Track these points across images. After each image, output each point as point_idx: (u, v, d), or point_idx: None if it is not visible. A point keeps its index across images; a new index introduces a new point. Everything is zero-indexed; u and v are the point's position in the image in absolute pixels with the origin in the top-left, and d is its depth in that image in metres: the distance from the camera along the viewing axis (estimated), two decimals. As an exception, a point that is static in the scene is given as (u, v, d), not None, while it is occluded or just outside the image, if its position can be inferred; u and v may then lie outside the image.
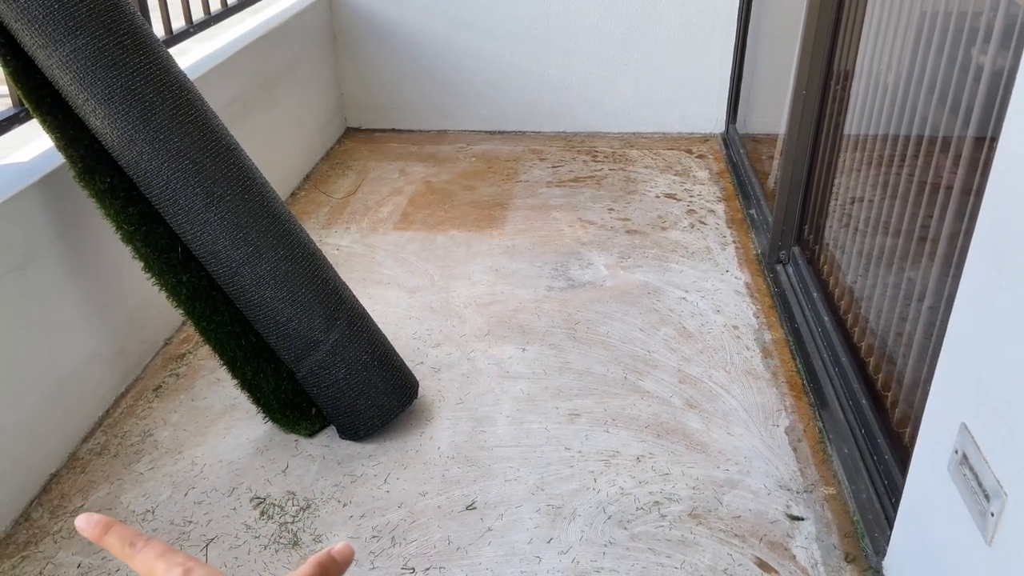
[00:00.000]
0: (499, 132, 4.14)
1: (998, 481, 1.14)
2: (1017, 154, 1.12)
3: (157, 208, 1.83)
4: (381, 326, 2.17)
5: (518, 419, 2.12)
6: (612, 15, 3.85)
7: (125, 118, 1.71)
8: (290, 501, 1.87)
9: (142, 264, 1.86)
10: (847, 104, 2.30)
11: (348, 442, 2.05)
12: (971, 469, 1.22)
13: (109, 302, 2.18)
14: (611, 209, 3.28)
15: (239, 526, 1.81)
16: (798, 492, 1.87)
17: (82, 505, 1.87)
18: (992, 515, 1.15)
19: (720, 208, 3.28)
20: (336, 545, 0.47)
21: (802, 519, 1.79)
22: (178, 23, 2.66)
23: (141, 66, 1.72)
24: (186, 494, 1.90)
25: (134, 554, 0.44)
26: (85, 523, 0.46)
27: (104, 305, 2.16)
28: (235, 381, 1.99)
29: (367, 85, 4.10)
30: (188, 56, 2.83)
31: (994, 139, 1.27)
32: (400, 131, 4.17)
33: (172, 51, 2.53)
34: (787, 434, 2.05)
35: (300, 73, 3.60)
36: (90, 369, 2.11)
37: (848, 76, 2.30)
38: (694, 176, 3.59)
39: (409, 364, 2.25)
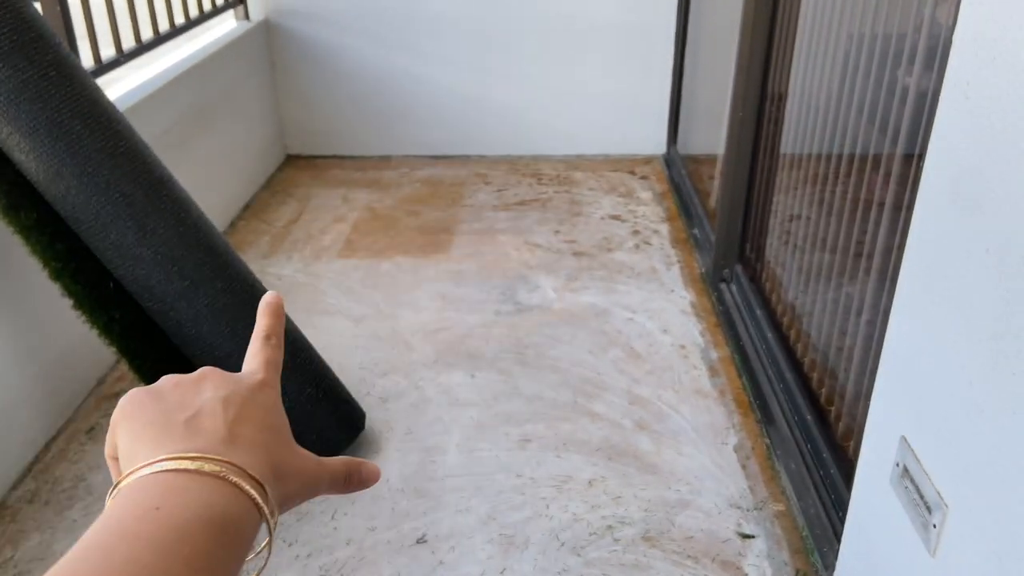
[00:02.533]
0: (443, 157, 4.14)
1: (939, 493, 1.16)
2: (943, 171, 1.16)
3: (87, 243, 1.76)
4: (326, 357, 2.13)
5: (468, 447, 2.09)
6: (552, 40, 3.89)
7: (51, 151, 1.65)
8: (233, 543, 1.81)
9: (72, 301, 1.79)
10: (782, 124, 2.35)
11: (293, 478, 1.99)
12: (912, 482, 1.24)
13: (37, 342, 2.09)
14: (557, 231, 3.29)
15: (179, 571, 1.74)
16: (748, 510, 1.87)
17: (12, 556, 1.78)
18: (934, 527, 1.17)
19: (664, 228, 3.32)
20: (370, 464, 0.51)
21: (753, 537, 1.80)
22: (108, 52, 2.59)
23: (67, 98, 1.67)
24: (123, 540, 1.82)
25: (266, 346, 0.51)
26: (274, 299, 0.53)
27: (32, 345, 2.07)
28: (173, 420, 1.92)
29: (307, 111, 4.05)
30: (121, 84, 2.76)
31: (921, 156, 1.30)
32: (342, 157, 4.13)
33: (104, 80, 2.47)
34: (736, 452, 2.06)
35: (237, 101, 3.54)
36: (18, 412, 2.02)
37: (782, 97, 2.36)
38: (638, 197, 3.63)
39: (356, 395, 2.21)
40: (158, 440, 0.42)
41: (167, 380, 0.47)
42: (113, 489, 0.41)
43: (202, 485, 0.40)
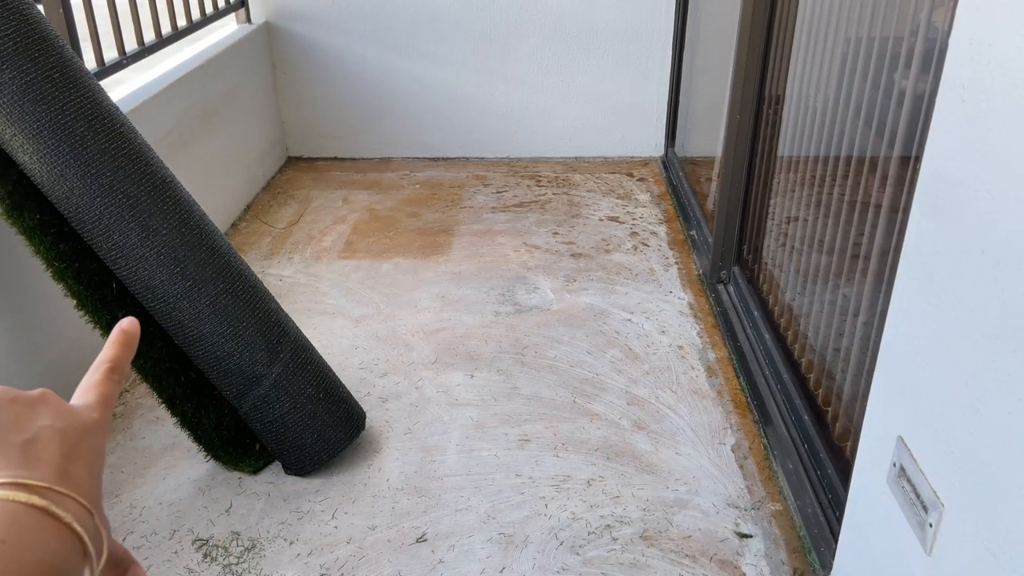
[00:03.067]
0: (443, 158, 4.15)
1: (935, 492, 1.18)
2: (939, 173, 1.17)
3: (90, 244, 1.77)
4: (326, 357, 2.14)
5: (468, 447, 2.10)
6: (552, 43, 3.91)
7: (55, 153, 1.66)
8: (234, 541, 1.82)
9: (75, 302, 1.80)
10: (779, 127, 2.37)
11: (294, 478, 2.00)
12: (909, 481, 1.26)
13: (40, 342, 2.10)
14: (556, 233, 3.31)
15: (181, 570, 1.75)
16: (746, 509, 1.89)
17: (13, 556, 1.79)
18: (931, 526, 1.18)
19: (662, 230, 3.33)
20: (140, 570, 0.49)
21: (751, 536, 1.81)
22: (111, 54, 2.60)
23: (71, 100, 1.68)
24: (125, 539, 1.83)
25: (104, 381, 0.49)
26: (131, 327, 0.51)
27: (35, 345, 2.08)
28: (175, 419, 1.94)
29: (308, 114, 4.07)
30: (124, 87, 2.78)
31: (918, 158, 1.32)
32: (342, 159, 4.15)
33: (107, 82, 2.48)
34: (733, 452, 2.07)
35: (239, 103, 3.55)
36: (20, 412, 2.03)
37: (779, 100, 2.37)
38: (636, 199, 3.64)
39: (356, 395, 2.22)
40: None
41: (4, 392, 0.45)
42: None
43: (44, 526, 0.38)
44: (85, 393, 0.48)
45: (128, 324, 0.51)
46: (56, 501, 0.39)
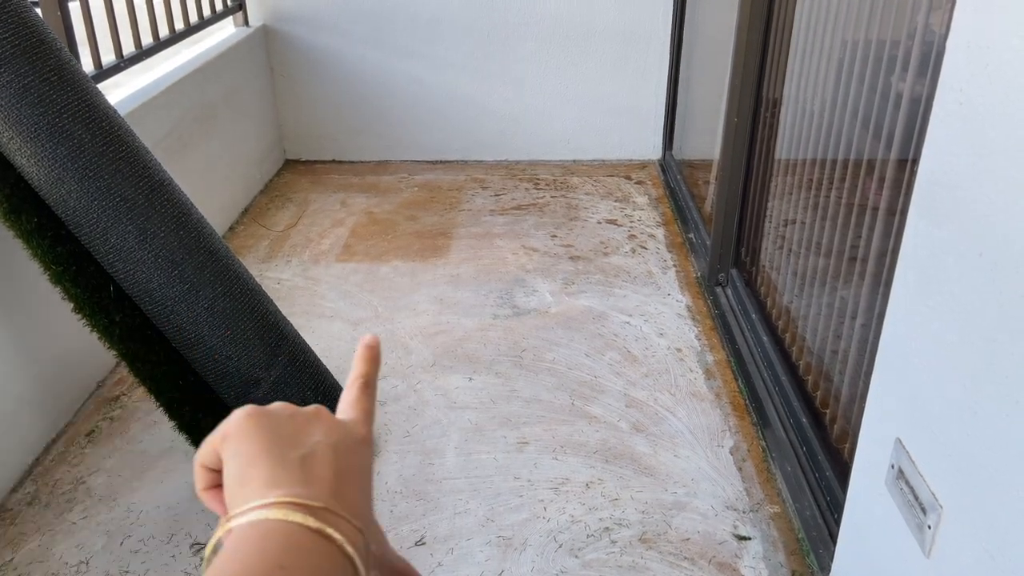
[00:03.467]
0: (441, 161, 4.15)
1: (933, 494, 1.18)
2: (937, 176, 1.17)
3: (87, 247, 1.77)
4: (325, 360, 2.14)
5: (467, 450, 2.10)
6: (550, 46, 3.92)
7: (52, 156, 1.66)
8: (233, 545, 1.81)
9: (72, 305, 1.80)
10: (777, 130, 2.37)
11: (292, 481, 1.99)
12: (907, 483, 1.26)
13: (38, 345, 2.10)
14: (554, 236, 3.31)
15: (179, 574, 1.75)
16: (744, 512, 1.89)
17: (11, 559, 1.78)
18: (929, 528, 1.18)
19: (660, 233, 3.34)
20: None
21: (749, 538, 1.81)
22: (108, 57, 2.60)
23: (69, 103, 1.68)
24: (122, 543, 1.83)
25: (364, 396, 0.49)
26: (374, 342, 0.52)
27: (32, 348, 2.08)
28: (173, 423, 1.93)
29: (306, 116, 4.07)
30: (122, 89, 2.78)
31: (915, 161, 1.32)
32: (341, 162, 4.15)
33: (105, 85, 2.48)
34: (732, 454, 2.07)
35: (237, 106, 3.55)
36: (18, 415, 2.03)
37: (777, 103, 2.38)
38: (634, 202, 3.65)
39: (354, 398, 2.21)
40: (273, 473, 0.41)
41: (282, 408, 0.45)
42: (231, 519, 0.39)
43: (320, 550, 0.38)
44: (347, 411, 0.48)
45: (371, 340, 0.52)
46: (331, 522, 0.39)
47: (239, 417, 0.44)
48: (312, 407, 0.46)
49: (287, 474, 0.41)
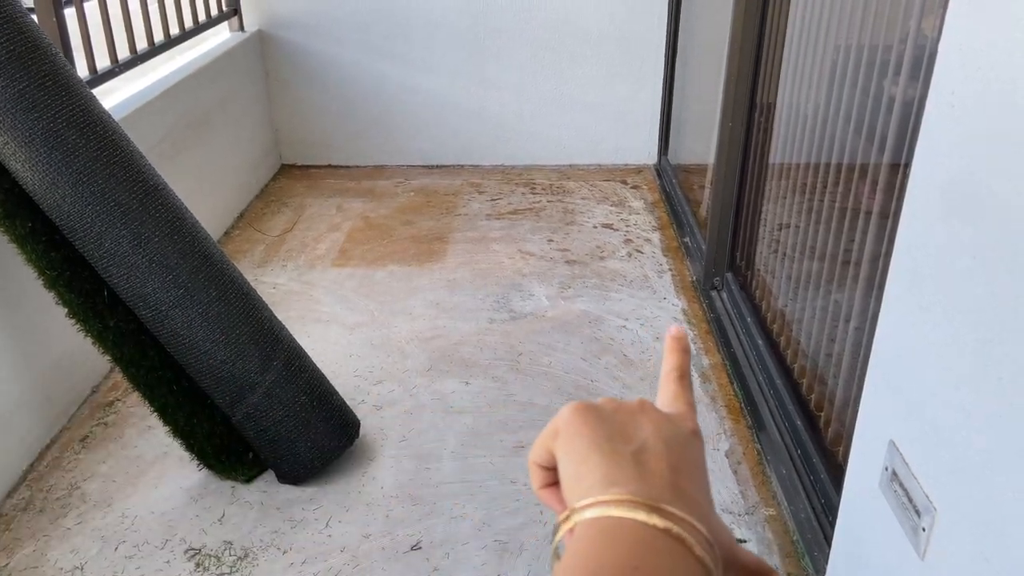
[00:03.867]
0: (437, 166, 4.16)
1: (927, 496, 1.18)
2: (929, 179, 1.18)
3: (81, 252, 1.77)
4: (320, 365, 2.14)
5: (463, 454, 2.10)
6: (546, 51, 3.92)
7: (47, 161, 1.66)
8: (227, 551, 1.81)
9: (66, 310, 1.80)
10: (771, 134, 2.38)
11: (287, 486, 2.00)
12: (901, 485, 1.26)
13: (32, 350, 2.10)
14: (550, 240, 3.31)
15: (174, 579, 1.74)
16: (740, 514, 1.89)
17: (6, 564, 1.78)
18: (924, 530, 1.19)
19: (656, 237, 3.34)
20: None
21: (744, 541, 1.81)
22: (103, 62, 2.60)
23: (63, 108, 1.68)
24: (116, 548, 1.82)
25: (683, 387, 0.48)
26: (681, 334, 0.50)
27: (27, 353, 2.08)
28: (167, 428, 1.93)
29: (302, 121, 4.07)
30: (118, 94, 2.78)
31: (908, 165, 1.33)
32: (337, 167, 4.15)
33: (100, 90, 2.48)
34: (727, 457, 2.08)
35: (232, 111, 3.55)
36: (13, 420, 2.02)
37: (770, 108, 2.39)
38: (630, 206, 3.65)
39: (350, 402, 2.21)
40: (607, 469, 0.39)
41: (608, 402, 0.44)
42: (572, 513, 0.38)
43: (670, 551, 0.36)
44: (672, 404, 0.47)
45: (677, 331, 0.50)
46: (675, 521, 0.37)
47: (568, 412, 0.43)
48: (636, 400, 0.45)
49: (622, 471, 0.39)
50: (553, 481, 0.44)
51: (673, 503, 0.38)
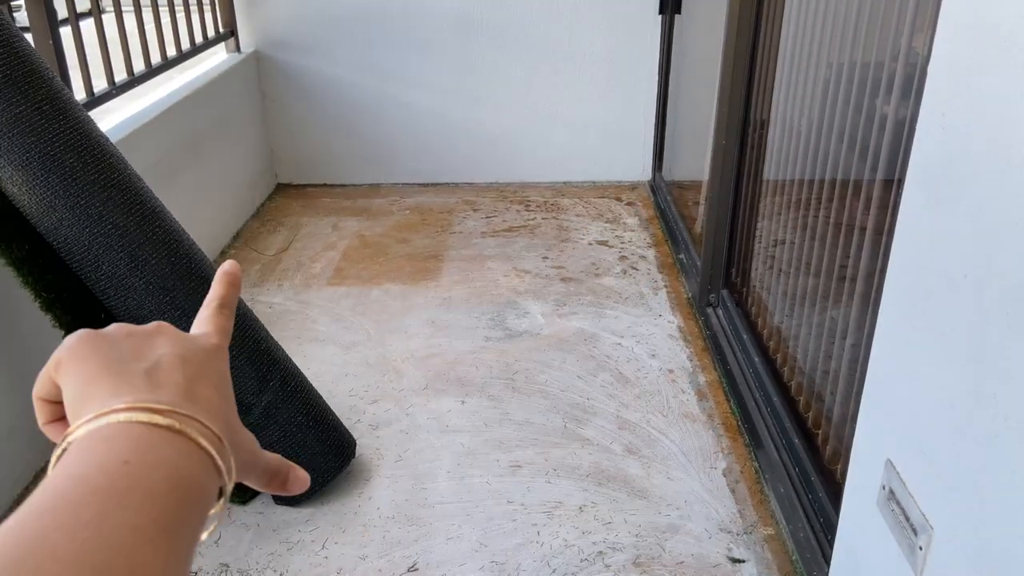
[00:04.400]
0: (432, 184, 4.17)
1: (924, 515, 1.18)
2: (920, 198, 1.19)
3: (78, 274, 1.77)
4: (316, 384, 2.13)
5: (459, 474, 2.09)
6: (540, 69, 3.95)
7: (44, 184, 1.66)
8: (223, 574, 1.80)
9: (63, 332, 1.79)
10: (765, 151, 2.40)
11: (283, 507, 1.99)
12: (898, 504, 1.26)
13: (28, 372, 2.09)
14: (545, 257, 3.32)
15: (169, 603, 1.73)
16: (738, 534, 1.88)
17: (-2, 591, 1.76)
18: (920, 549, 1.18)
19: (651, 254, 3.35)
20: (301, 473, 0.49)
21: (743, 561, 1.81)
22: (100, 84, 2.61)
23: (61, 131, 1.68)
24: (112, 572, 1.81)
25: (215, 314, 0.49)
26: (232, 268, 0.51)
27: (23, 376, 2.07)
28: (163, 450, 1.92)
29: (297, 141, 4.08)
30: (114, 115, 2.79)
31: (901, 181, 1.34)
32: (332, 186, 4.16)
33: (97, 111, 2.49)
34: (725, 476, 2.07)
35: (228, 131, 3.57)
36: (8, 444, 2.01)
37: (764, 124, 2.40)
38: (624, 223, 3.66)
39: (346, 422, 2.21)
40: (116, 386, 0.40)
41: (119, 328, 0.44)
42: (68, 434, 0.37)
43: (169, 444, 0.37)
44: (200, 326, 0.48)
45: (230, 266, 0.52)
46: (182, 421, 0.38)
47: (70, 341, 0.42)
48: (152, 323, 0.45)
49: (131, 385, 0.40)
50: (60, 416, 0.43)
51: (182, 406, 0.39)
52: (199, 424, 0.39)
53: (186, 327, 0.47)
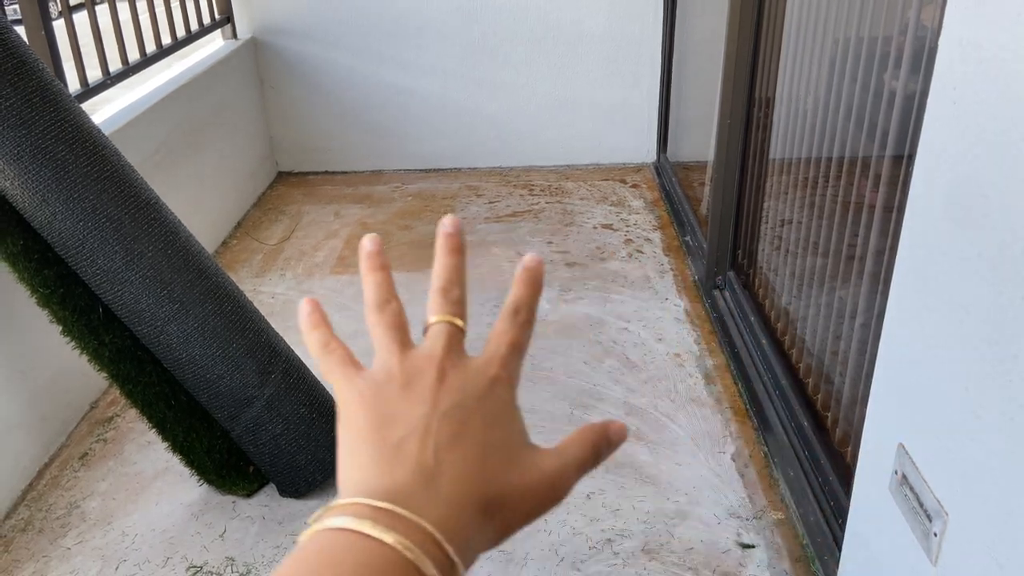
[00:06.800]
0: (434, 170, 4.13)
1: (938, 501, 1.15)
2: (932, 175, 1.15)
3: (74, 269, 1.75)
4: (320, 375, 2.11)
5: (465, 463, 2.07)
6: (540, 51, 3.90)
7: (36, 178, 1.64)
8: (229, 567, 1.79)
9: (61, 328, 1.78)
10: (770, 130, 2.35)
11: (289, 500, 1.97)
12: (911, 489, 1.23)
13: (28, 367, 2.07)
14: (550, 242, 3.29)
15: (175, 598, 1.72)
16: (748, 519, 1.86)
17: (4, 588, 1.76)
18: (935, 535, 1.16)
19: (656, 236, 3.31)
20: (613, 424, 0.43)
21: (753, 546, 1.79)
22: (95, 74, 2.58)
23: (52, 124, 1.65)
24: (117, 568, 1.80)
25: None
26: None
27: (23, 371, 2.05)
28: (166, 443, 1.91)
29: (298, 128, 4.05)
30: (110, 106, 2.76)
31: (911, 157, 1.30)
32: (333, 173, 4.13)
33: (91, 102, 2.46)
34: (734, 460, 2.05)
35: (227, 119, 3.53)
36: (10, 439, 2.00)
37: (769, 103, 2.36)
38: (629, 206, 3.62)
39: (350, 413, 2.19)
40: (365, 468, 0.37)
41: (399, 368, 0.41)
42: (315, 518, 0.36)
43: (374, 563, 0.33)
44: (491, 341, 0.43)
45: (531, 261, 0.45)
46: (406, 538, 0.33)
47: (349, 394, 0.41)
48: (437, 360, 0.41)
49: (376, 466, 0.37)
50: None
51: (415, 497, 0.35)
52: (424, 536, 0.34)
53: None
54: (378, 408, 0.39)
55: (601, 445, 0.42)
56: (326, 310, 0.46)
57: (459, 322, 0.44)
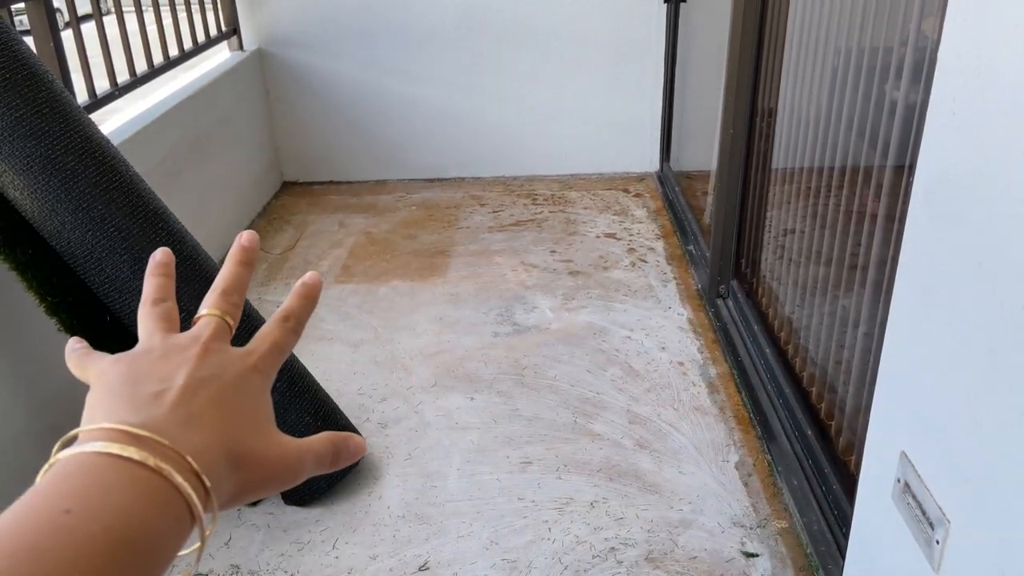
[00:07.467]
0: (438, 179, 4.15)
1: (940, 509, 1.16)
2: (932, 186, 1.16)
3: (82, 278, 1.76)
4: (324, 383, 2.12)
5: (469, 471, 2.08)
6: (544, 61, 3.92)
7: (46, 188, 1.65)
8: (234, 575, 1.80)
9: (69, 336, 1.79)
10: (773, 140, 2.37)
11: (293, 508, 1.98)
12: (914, 497, 1.24)
13: (37, 376, 2.09)
14: (553, 251, 3.30)
15: (181, 606, 1.72)
16: (751, 528, 1.86)
17: (10, 595, 1.77)
18: (937, 543, 1.16)
19: (659, 245, 3.32)
20: (356, 438, 0.47)
21: (757, 555, 1.79)
22: (103, 84, 2.61)
23: (61, 134, 1.67)
24: (123, 575, 1.81)
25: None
26: (313, 281, 0.50)
27: (31, 379, 2.07)
28: (172, 452, 1.91)
29: (302, 138, 4.07)
30: (118, 117, 2.78)
31: (912, 167, 1.31)
32: (338, 183, 4.15)
33: (99, 113, 2.48)
34: (737, 469, 2.05)
35: (233, 130, 3.56)
36: (18, 448, 2.01)
37: (772, 113, 2.37)
38: (632, 215, 3.64)
39: (355, 421, 2.20)
40: (114, 408, 0.39)
41: (162, 343, 0.43)
42: (53, 453, 0.37)
43: (131, 484, 0.34)
44: (256, 339, 0.46)
45: (309, 278, 0.50)
46: (157, 454, 0.35)
47: (106, 363, 0.42)
48: (201, 334, 0.44)
49: (131, 408, 0.38)
50: None
51: (170, 432, 0.37)
52: (178, 458, 0.36)
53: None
54: (133, 368, 0.41)
55: (341, 449, 0.46)
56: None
57: (230, 320, 0.47)
